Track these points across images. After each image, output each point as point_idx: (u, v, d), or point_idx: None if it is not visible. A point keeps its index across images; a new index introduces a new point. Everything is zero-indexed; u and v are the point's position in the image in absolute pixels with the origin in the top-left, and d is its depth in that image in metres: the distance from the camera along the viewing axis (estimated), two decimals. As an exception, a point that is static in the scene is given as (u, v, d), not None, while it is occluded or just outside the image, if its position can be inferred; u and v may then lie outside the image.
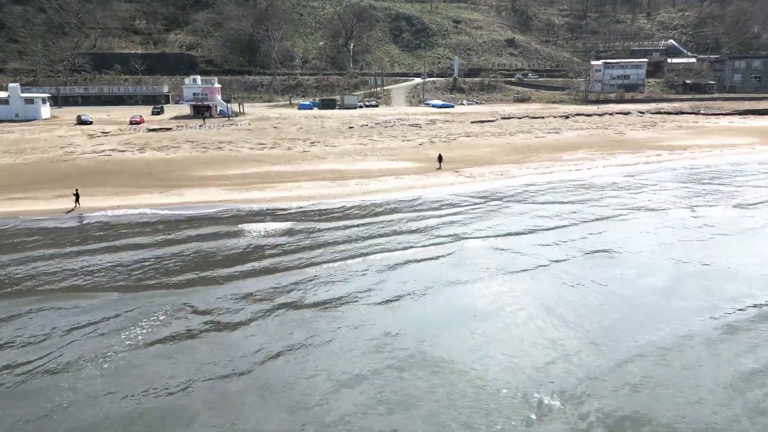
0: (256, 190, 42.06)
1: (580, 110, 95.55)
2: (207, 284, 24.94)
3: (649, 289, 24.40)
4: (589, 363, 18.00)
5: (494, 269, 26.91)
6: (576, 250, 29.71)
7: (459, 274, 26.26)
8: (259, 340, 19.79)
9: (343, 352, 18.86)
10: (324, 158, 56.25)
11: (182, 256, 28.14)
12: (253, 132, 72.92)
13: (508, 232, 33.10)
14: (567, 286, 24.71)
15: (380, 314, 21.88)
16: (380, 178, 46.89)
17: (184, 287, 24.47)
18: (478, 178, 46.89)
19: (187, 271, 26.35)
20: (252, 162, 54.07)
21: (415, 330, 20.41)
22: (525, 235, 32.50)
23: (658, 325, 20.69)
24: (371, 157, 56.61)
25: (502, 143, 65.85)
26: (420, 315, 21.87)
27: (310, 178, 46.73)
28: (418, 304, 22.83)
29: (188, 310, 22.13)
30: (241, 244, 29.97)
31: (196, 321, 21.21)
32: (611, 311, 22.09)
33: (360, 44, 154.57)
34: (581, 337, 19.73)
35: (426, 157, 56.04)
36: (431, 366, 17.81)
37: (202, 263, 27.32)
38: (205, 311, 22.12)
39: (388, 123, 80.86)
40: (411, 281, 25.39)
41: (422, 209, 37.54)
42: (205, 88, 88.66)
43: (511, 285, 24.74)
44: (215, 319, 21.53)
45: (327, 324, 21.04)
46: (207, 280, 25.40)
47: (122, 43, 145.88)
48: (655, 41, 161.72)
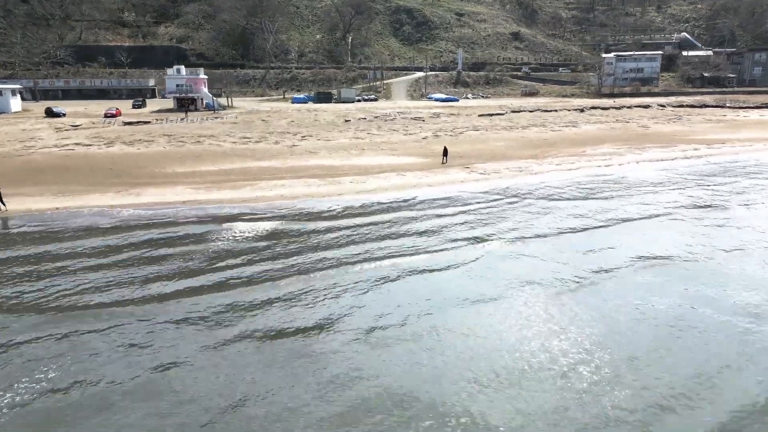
0: (230, 189, 35.14)
1: (595, 103, 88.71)
2: (141, 304, 18.24)
3: (743, 316, 17.66)
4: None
5: (526, 283, 20.54)
6: (623, 258, 23.45)
7: (482, 289, 19.83)
8: (204, 387, 13.03)
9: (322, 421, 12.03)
10: (315, 153, 49.38)
11: (112, 270, 21.26)
12: (239, 125, 66.02)
13: (537, 234, 26.64)
14: (627, 314, 18.05)
15: (371, 355, 15.03)
16: (379, 174, 40.01)
17: (107, 309, 17.69)
18: (494, 175, 39.99)
19: (113, 289, 19.53)
20: (232, 157, 47.18)
21: (427, 386, 13.53)
22: (557, 238, 26.14)
23: None
24: (369, 152, 49.76)
25: (515, 137, 58.96)
26: (433, 358, 14.99)
27: (296, 175, 39.84)
28: (427, 339, 15.96)
29: (103, 344, 15.28)
30: (193, 255, 23.09)
31: (117, 359, 14.34)
32: (706, 358, 15.22)
33: (359, 37, 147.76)
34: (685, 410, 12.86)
35: (431, 152, 49.19)
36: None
37: (138, 278, 20.47)
38: (135, 345, 15.28)
39: (388, 116, 74.03)
40: (416, 300, 18.81)
41: (430, 209, 30.69)
42: (189, 79, 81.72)
43: (551, 310, 18.06)
44: (148, 356, 14.71)
45: (297, 370, 14.21)
46: (139, 301, 18.61)
47: (109, 35, 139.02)
48: (666, 34, 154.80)
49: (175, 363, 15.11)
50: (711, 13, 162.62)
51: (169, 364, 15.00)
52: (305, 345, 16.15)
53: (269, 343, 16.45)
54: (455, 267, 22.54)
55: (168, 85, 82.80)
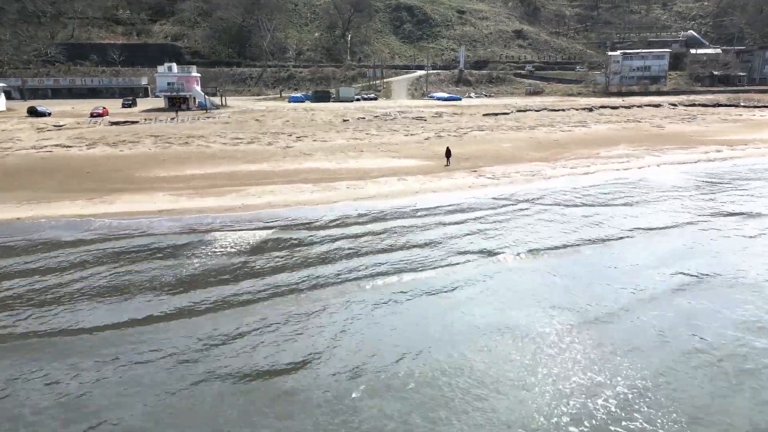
0: (214, 196, 31.81)
1: (604, 102, 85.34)
2: (92, 335, 15.10)
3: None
4: None
5: (548, 309, 17.56)
6: (656, 276, 20.58)
7: (496, 317, 16.83)
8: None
9: None
10: (310, 155, 46.05)
11: (64, 294, 17.96)
12: (231, 125, 62.67)
13: (555, 245, 23.60)
14: (676, 350, 14.96)
15: (362, 410, 11.76)
16: (378, 179, 36.68)
17: (49, 340, 14.43)
18: (504, 180, 36.65)
19: (62, 317, 16.26)
20: (220, 160, 43.85)
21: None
22: (577, 251, 23.33)
23: None
24: (368, 154, 46.42)
25: (524, 137, 55.61)
26: (433, 419, 11.72)
27: (288, 180, 36.50)
28: (429, 390, 12.63)
29: (35, 392, 11.96)
30: (161, 275, 19.81)
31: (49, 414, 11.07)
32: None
33: (358, 35, 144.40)
34: None
35: (434, 154, 45.87)
36: None
37: (93, 304, 17.18)
38: (79, 395, 11.95)
39: (389, 116, 70.70)
40: (418, 330, 15.69)
41: (434, 218, 27.39)
42: (181, 78, 78.32)
43: (584, 350, 14.77)
44: (87, 411, 11.44)
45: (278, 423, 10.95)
46: (90, 331, 15.39)
47: (102, 33, 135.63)
48: (673, 32, 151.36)
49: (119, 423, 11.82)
50: (718, 11, 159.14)
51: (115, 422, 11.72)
52: (284, 391, 12.85)
53: (246, 384, 13.22)
54: (463, 287, 19.38)
55: (159, 84, 79.44)
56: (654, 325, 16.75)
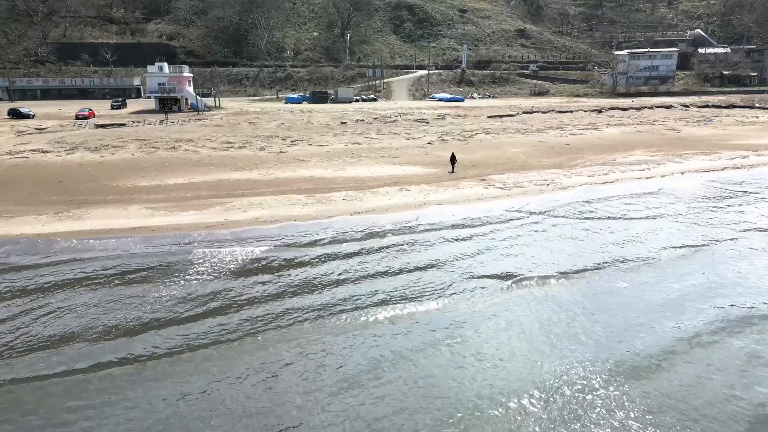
0: (195, 210, 28.52)
1: (613, 104, 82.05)
2: (19, 386, 11.76)
3: None
4: None
5: (578, 354, 14.44)
6: (702, 310, 17.92)
7: (516, 364, 13.90)
8: None
9: None
10: (305, 161, 42.78)
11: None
12: (223, 128, 59.37)
13: (580, 268, 20.66)
14: (747, 414, 11.63)
15: None
16: (378, 189, 33.40)
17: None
18: (515, 190, 33.37)
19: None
20: (207, 167, 40.57)
21: None
22: (606, 275, 20.39)
23: None
24: (367, 160, 43.14)
25: (533, 142, 52.29)
26: None
27: (279, 190, 33.22)
28: None
29: None
30: (116, 311, 16.56)
31: None
32: None
33: (357, 35, 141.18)
34: None
35: (438, 160, 42.59)
36: None
37: (32, 345, 13.90)
38: None
39: (389, 118, 67.43)
40: (422, 383, 12.48)
41: (440, 236, 24.14)
42: (172, 78, 74.96)
43: (631, 413, 11.48)
44: None
45: None
46: (17, 382, 12.07)
47: (95, 32, 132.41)
48: (679, 31, 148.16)
49: None
50: (725, 10, 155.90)
51: None
52: None
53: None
54: (475, 320, 16.37)
55: (149, 84, 76.10)
56: (710, 378, 13.56)
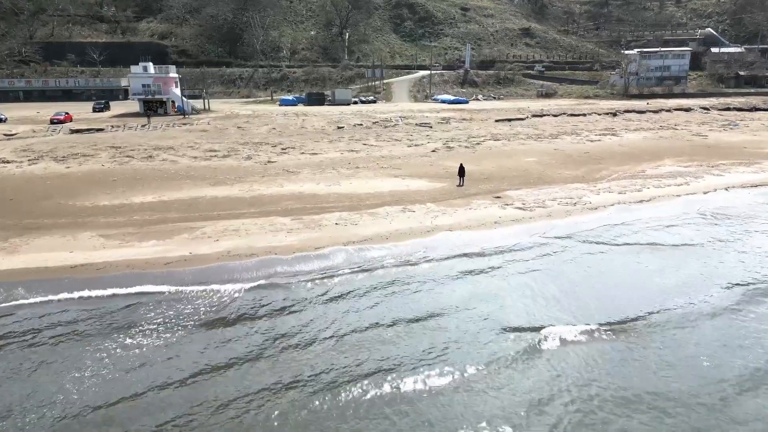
0: (156, 239, 23.66)
1: (626, 106, 77.14)
2: None
3: None
4: None
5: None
6: None
7: None
8: None
9: None
10: (295, 173, 37.93)
11: None
12: (209, 134, 54.49)
13: (631, 317, 16.05)
14: None
15: None
16: (377, 210, 28.57)
17: None
18: (538, 210, 28.52)
19: None
20: (183, 180, 35.70)
21: None
22: (665, 328, 15.82)
23: None
24: (365, 172, 38.28)
25: (548, 149, 47.43)
26: None
27: (262, 212, 28.38)
28: None
29: None
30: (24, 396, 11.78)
31: None
32: None
33: (356, 34, 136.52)
34: None
35: (445, 172, 37.73)
36: None
37: None
38: None
39: (389, 122, 62.61)
40: None
41: (452, 273, 19.30)
42: (157, 79, 70.08)
43: None
44: None
45: None
46: None
47: (85, 31, 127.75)
48: (689, 30, 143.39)
49: None
50: (736, 8, 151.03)
51: None
52: None
53: None
54: (502, 397, 11.31)
55: (133, 86, 71.18)
56: None
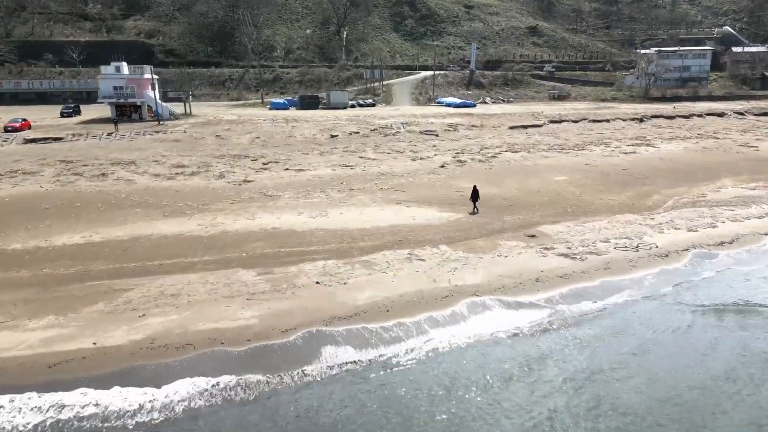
0: (54, 313, 16.10)
1: (651, 110, 69.83)
2: None
3: None
4: None
5: None
6: None
7: None
8: None
9: None
10: (274, 197, 30.63)
11: None
12: (182, 144, 47.16)
13: None
14: None
15: None
16: (374, 255, 21.24)
17: None
18: (591, 259, 21.23)
19: None
20: (131, 209, 28.36)
21: None
22: None
23: None
24: (360, 196, 30.97)
25: (578, 164, 40.12)
26: None
27: (219, 261, 21.05)
28: None
29: None
30: None
31: None
32: None
33: (354, 32, 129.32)
34: None
35: (459, 196, 30.40)
36: None
37: None
38: None
39: (389, 129, 55.42)
40: None
41: (492, 377, 12.01)
42: (131, 80, 62.75)
43: None
44: None
45: None
46: None
47: (67, 30, 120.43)
48: (705, 28, 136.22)
49: None
50: (753, 5, 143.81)
51: None
52: None
53: None
54: None
55: (102, 88, 63.73)
56: None
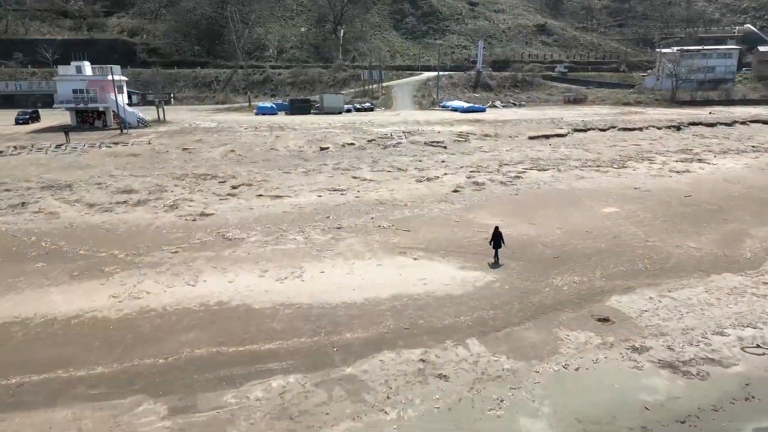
0: None
1: (684, 116, 61.83)
2: None
3: None
4: None
5: None
6: None
7: None
8: None
9: None
10: (234, 243, 22.60)
11: None
12: (140, 159, 39.18)
13: None
14: None
15: None
16: (365, 366, 13.22)
17: None
18: (712, 371, 13.24)
19: None
20: (30, 264, 20.39)
21: None
22: None
23: None
24: (350, 239, 22.95)
25: (625, 189, 32.05)
26: None
27: (116, 378, 13.11)
28: None
29: None
30: None
31: None
32: None
33: (352, 30, 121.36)
34: None
35: (484, 239, 22.39)
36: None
37: None
38: None
39: (389, 139, 47.59)
40: None
41: None
42: (93, 82, 54.95)
43: None
44: None
45: None
46: None
47: (45, 27, 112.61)
48: (724, 26, 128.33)
49: None
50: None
51: None
52: None
53: None
54: None
55: (60, 91, 55.79)
56: None
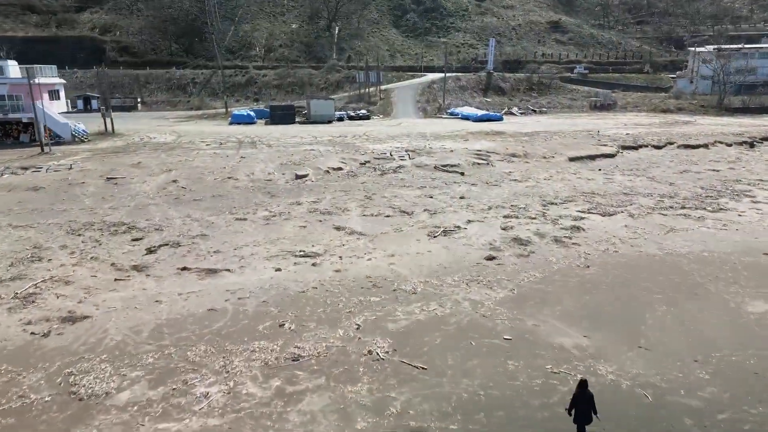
0: None
1: (747, 127, 51.01)
2: None
3: None
4: None
5: None
6: None
7: None
8: None
9: None
10: (89, 413, 11.72)
11: None
12: (38, 197, 28.03)
13: None
14: None
15: None
16: None
17: None
18: None
19: None
20: None
21: None
22: None
23: None
24: (308, 400, 12.03)
25: (754, 252, 21.20)
26: None
27: None
28: None
29: None
30: None
31: None
32: None
33: (348, 28, 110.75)
34: None
35: (555, 388, 11.46)
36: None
37: None
38: None
39: (388, 160, 36.75)
40: None
41: None
42: (17, 87, 44.13)
43: None
44: None
45: None
46: None
47: (7, 24, 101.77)
48: (755, 23, 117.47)
49: None
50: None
51: None
52: None
53: None
54: None
55: (-25, 98, 45.17)
56: None
